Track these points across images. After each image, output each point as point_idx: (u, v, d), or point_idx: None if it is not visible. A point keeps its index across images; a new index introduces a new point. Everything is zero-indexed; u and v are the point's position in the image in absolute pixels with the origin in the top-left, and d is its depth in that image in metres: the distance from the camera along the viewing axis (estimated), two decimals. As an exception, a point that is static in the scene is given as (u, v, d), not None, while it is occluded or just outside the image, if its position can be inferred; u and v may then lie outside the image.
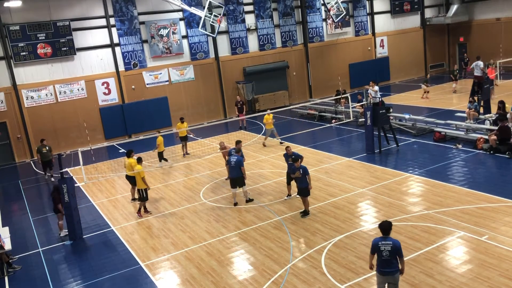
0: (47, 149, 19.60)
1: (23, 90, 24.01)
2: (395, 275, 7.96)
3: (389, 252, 7.85)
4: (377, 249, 7.94)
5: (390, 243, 7.87)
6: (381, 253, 7.89)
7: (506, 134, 16.20)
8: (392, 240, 7.91)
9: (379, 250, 7.90)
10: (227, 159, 15.46)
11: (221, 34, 28.25)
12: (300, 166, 12.72)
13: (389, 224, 8.04)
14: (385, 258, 7.88)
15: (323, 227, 12.07)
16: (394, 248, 7.84)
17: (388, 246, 7.86)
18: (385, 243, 7.89)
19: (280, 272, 10.12)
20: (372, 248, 8.04)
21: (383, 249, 7.88)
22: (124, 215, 14.78)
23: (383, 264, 7.94)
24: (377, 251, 7.94)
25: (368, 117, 17.73)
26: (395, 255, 7.88)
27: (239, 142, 15.06)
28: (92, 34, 25.47)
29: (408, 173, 15.32)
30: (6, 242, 12.01)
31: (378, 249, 7.92)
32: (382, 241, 7.92)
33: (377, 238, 8.08)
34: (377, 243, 7.95)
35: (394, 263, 7.92)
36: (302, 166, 12.75)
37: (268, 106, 29.15)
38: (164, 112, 27.46)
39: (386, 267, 7.92)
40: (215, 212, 14.04)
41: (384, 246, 7.88)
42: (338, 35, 32.91)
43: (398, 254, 7.88)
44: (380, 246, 7.89)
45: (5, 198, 18.64)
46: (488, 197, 12.67)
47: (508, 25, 32.44)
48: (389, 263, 7.90)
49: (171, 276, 10.62)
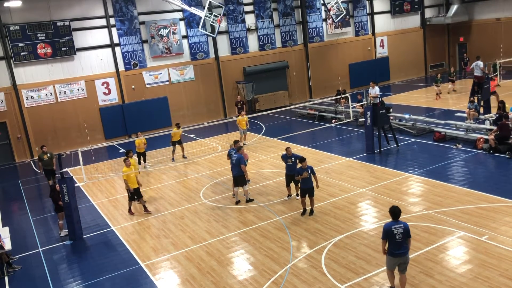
0: (49, 156, 17.85)
1: (23, 90, 24.02)
2: (407, 255, 8.55)
3: (401, 235, 8.38)
4: (390, 233, 8.40)
5: (401, 225, 8.42)
6: (394, 236, 8.38)
7: (506, 131, 16.20)
8: (402, 223, 8.47)
9: (392, 234, 8.38)
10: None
11: (221, 34, 28.25)
12: (308, 167, 12.60)
13: (399, 208, 8.55)
14: (398, 241, 8.40)
15: (323, 227, 12.06)
16: (405, 230, 8.41)
17: (400, 229, 8.39)
18: (397, 226, 8.41)
19: (280, 272, 10.12)
20: (385, 233, 8.47)
21: (396, 232, 8.38)
22: (124, 215, 14.78)
23: (396, 247, 8.44)
24: (390, 235, 8.40)
25: (368, 117, 17.73)
26: (406, 237, 8.42)
27: (236, 141, 15.21)
28: (92, 34, 25.47)
29: (408, 173, 15.32)
30: (6, 242, 12.01)
31: (391, 233, 8.38)
32: (394, 225, 8.42)
33: (389, 223, 8.55)
34: (390, 227, 8.42)
35: (405, 244, 8.47)
36: (309, 166, 12.63)
37: (268, 106, 29.24)
38: (164, 112, 27.46)
39: (399, 249, 8.45)
40: (215, 212, 14.05)
41: (397, 229, 8.39)
42: (338, 35, 32.91)
43: (408, 235, 8.45)
44: (393, 230, 8.38)
45: (5, 198, 18.64)
46: (488, 197, 12.67)
47: (508, 25, 32.44)
48: (402, 244, 8.44)
49: (171, 276, 10.62)
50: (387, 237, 8.48)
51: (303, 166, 12.55)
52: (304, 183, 12.63)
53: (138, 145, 19.18)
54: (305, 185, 12.66)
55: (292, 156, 13.68)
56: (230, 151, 15.12)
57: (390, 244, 8.50)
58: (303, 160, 12.71)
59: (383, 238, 8.57)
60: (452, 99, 26.46)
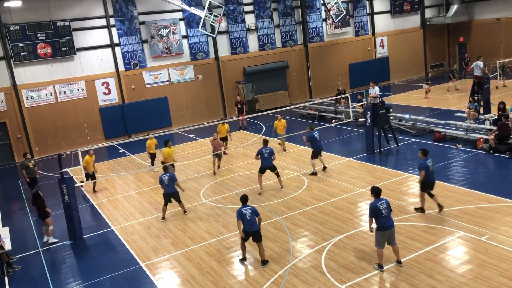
0: (33, 164, 17.43)
1: (23, 90, 24.01)
2: (393, 228, 9.59)
3: (386, 210, 9.50)
4: (377, 210, 9.43)
5: (384, 201, 9.59)
6: (380, 212, 9.44)
7: (506, 131, 16.20)
8: (384, 199, 9.65)
9: (379, 210, 9.43)
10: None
11: (221, 34, 28.26)
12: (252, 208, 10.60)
13: (379, 188, 9.80)
14: (385, 215, 9.47)
15: (323, 227, 12.07)
16: (388, 203, 9.60)
17: (384, 204, 9.53)
18: (381, 202, 9.54)
19: (280, 272, 10.12)
20: (372, 211, 9.48)
21: (382, 208, 9.47)
22: (124, 215, 14.78)
23: (384, 220, 9.46)
24: (377, 211, 9.43)
25: (368, 117, 17.73)
26: (389, 211, 9.55)
27: (266, 141, 15.54)
28: (92, 34, 25.47)
29: (408, 173, 15.31)
30: (6, 242, 12.01)
31: (378, 209, 9.43)
32: (378, 202, 9.52)
33: (373, 201, 9.60)
34: (376, 205, 9.49)
35: (391, 217, 9.57)
36: (252, 208, 10.56)
37: (268, 106, 29.22)
38: (164, 112, 27.46)
39: (388, 223, 9.48)
40: (215, 212, 14.05)
41: (381, 205, 9.49)
42: (338, 35, 32.91)
43: (390, 209, 9.59)
44: (379, 206, 9.46)
45: (5, 198, 18.64)
46: (488, 197, 12.67)
47: (508, 25, 32.43)
48: (388, 218, 9.51)
49: (171, 276, 10.63)
50: (374, 215, 9.47)
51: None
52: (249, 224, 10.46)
53: (149, 146, 18.69)
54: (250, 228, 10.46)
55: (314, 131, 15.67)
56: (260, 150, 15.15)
57: (379, 220, 9.46)
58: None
59: (370, 216, 9.57)
60: (452, 99, 26.46)
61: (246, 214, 10.29)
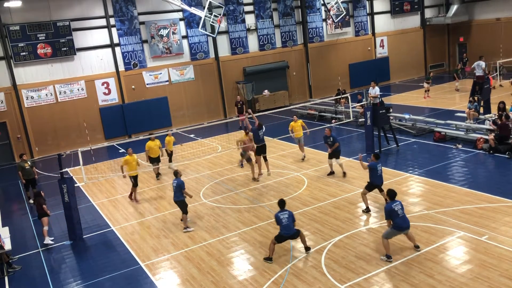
0: (30, 165, 16.95)
1: (23, 90, 24.02)
2: (409, 229, 10.09)
3: (401, 210, 9.90)
4: (393, 211, 9.82)
5: (398, 202, 9.98)
6: (396, 213, 9.83)
7: (506, 132, 16.19)
8: (398, 201, 10.03)
9: (395, 211, 9.83)
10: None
11: (221, 34, 28.25)
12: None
13: (395, 191, 10.12)
14: (401, 215, 9.89)
15: (323, 227, 12.07)
16: (402, 205, 10.03)
17: (398, 205, 9.93)
18: (396, 204, 9.91)
19: (280, 272, 10.12)
20: (389, 213, 9.87)
21: (397, 209, 9.87)
22: (124, 215, 14.78)
23: (401, 220, 9.90)
24: (394, 213, 9.82)
25: (368, 117, 17.73)
26: (403, 211, 9.94)
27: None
28: (92, 34, 25.47)
29: (408, 173, 15.31)
30: (6, 242, 12.01)
31: (394, 211, 9.82)
32: (393, 204, 9.89)
33: (388, 203, 9.98)
34: (391, 206, 9.87)
35: (406, 217, 10.03)
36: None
37: (268, 106, 29.20)
38: (164, 112, 27.46)
39: (404, 223, 9.95)
40: (215, 212, 14.04)
41: (396, 206, 9.89)
42: (338, 35, 32.91)
43: (403, 209, 10.01)
44: (394, 207, 9.85)
45: (5, 198, 18.64)
46: (488, 197, 12.67)
47: (508, 25, 32.43)
48: (404, 218, 9.95)
49: (171, 276, 10.63)
50: (391, 216, 9.83)
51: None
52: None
53: (168, 143, 18.22)
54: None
55: (331, 136, 15.36)
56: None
57: (395, 221, 9.84)
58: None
59: (387, 219, 9.95)
60: (452, 99, 26.45)
61: (283, 219, 10.47)
